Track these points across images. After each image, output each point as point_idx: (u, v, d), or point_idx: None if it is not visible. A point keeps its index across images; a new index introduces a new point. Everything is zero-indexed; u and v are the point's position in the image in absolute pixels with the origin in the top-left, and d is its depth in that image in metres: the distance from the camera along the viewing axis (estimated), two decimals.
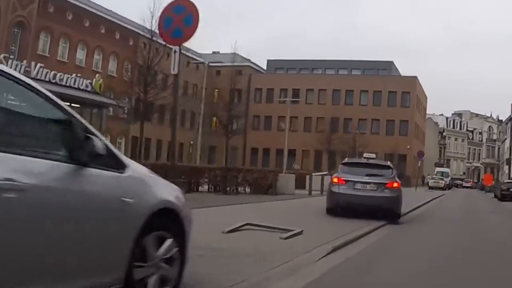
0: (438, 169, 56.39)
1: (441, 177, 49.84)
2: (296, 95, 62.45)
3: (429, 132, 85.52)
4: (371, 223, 10.97)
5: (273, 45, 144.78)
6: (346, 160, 15.55)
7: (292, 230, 8.04)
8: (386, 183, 12.69)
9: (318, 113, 61.93)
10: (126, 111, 41.51)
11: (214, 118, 69.39)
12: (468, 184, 71.89)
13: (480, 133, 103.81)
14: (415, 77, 61.46)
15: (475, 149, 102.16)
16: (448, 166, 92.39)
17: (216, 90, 69.63)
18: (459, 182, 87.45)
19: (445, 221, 14.93)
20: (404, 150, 56.97)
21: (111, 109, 42.25)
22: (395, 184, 12.93)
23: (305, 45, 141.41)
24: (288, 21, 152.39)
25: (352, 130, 61.29)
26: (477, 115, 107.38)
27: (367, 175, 12.84)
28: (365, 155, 14.95)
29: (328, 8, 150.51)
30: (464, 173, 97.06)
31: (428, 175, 61.46)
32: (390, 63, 65.37)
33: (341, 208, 12.48)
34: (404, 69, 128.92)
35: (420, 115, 66.85)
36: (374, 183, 12.62)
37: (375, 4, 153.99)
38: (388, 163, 14.62)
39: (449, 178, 53.79)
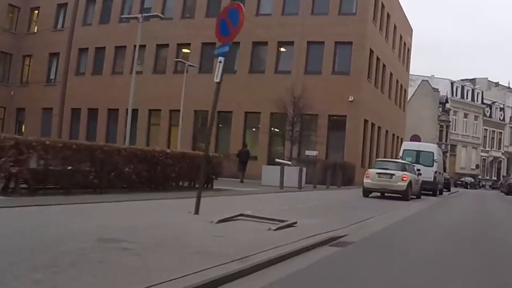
0: (406, 144, 23.68)
1: (405, 162, 18.84)
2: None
3: (421, 100, 56.37)
4: None
5: None
6: None
7: None
8: None
9: (184, 37, 31.51)
10: None
11: (28, 60, 39.82)
12: None
13: (502, 109, 73.29)
14: None
15: (494, 131, 71.76)
16: (454, 154, 61.26)
17: None
18: (469, 179, 57.05)
19: None
20: (341, 107, 26.21)
21: None
22: None
23: None
24: None
25: (241, 68, 30.84)
26: (497, 84, 76.47)
27: None
28: None
29: None
30: (477, 166, 66.23)
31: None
32: None
33: None
34: None
35: (386, 41, 34.12)
36: None
37: None
38: None
39: (435, 170, 21.49)
